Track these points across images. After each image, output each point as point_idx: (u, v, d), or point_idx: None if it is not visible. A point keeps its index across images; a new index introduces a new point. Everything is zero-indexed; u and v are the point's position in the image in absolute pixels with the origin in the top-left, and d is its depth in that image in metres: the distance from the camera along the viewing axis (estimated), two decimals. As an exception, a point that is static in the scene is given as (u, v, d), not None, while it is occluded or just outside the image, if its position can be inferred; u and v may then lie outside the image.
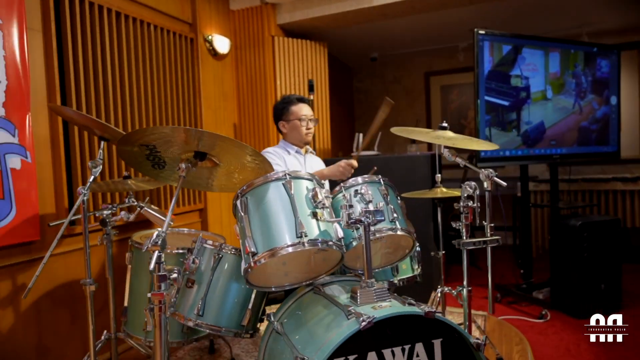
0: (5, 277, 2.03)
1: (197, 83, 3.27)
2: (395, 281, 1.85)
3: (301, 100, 2.43)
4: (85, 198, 1.71)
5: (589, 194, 4.01)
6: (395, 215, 1.55)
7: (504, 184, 1.70)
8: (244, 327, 1.68)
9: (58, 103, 2.25)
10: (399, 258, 1.72)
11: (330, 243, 1.42)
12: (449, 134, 1.88)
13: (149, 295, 1.29)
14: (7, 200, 2.01)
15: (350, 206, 1.35)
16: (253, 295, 1.70)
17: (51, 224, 1.82)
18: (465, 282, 1.71)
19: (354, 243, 1.51)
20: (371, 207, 1.46)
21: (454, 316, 2.94)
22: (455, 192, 2.16)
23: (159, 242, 1.30)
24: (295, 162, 2.36)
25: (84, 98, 2.40)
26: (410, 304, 1.32)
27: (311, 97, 3.36)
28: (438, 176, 2.23)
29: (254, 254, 1.36)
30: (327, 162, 3.58)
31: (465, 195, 1.66)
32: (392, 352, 1.21)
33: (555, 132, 3.17)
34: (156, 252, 1.31)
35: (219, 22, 3.53)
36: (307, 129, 2.37)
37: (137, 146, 1.48)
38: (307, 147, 2.51)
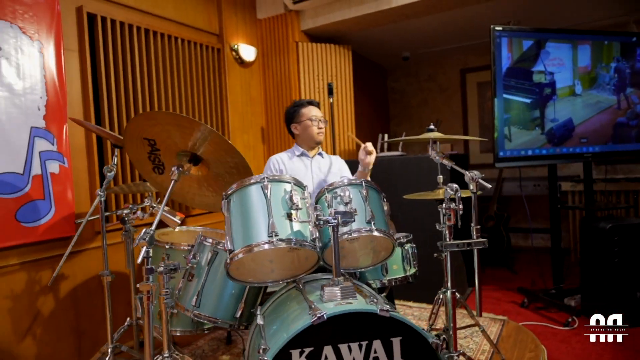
0: (46, 267, 2.33)
1: (223, 90, 3.48)
2: (385, 281, 1.89)
3: (311, 103, 2.53)
4: (102, 199, 1.94)
5: (633, 194, 3.70)
6: (372, 216, 1.60)
7: (489, 185, 1.69)
8: (237, 320, 1.81)
9: (92, 115, 2.54)
10: (381, 259, 1.76)
11: (305, 243, 1.50)
12: (436, 134, 1.89)
13: (138, 285, 1.46)
14: (47, 200, 2.31)
15: (316, 207, 1.43)
16: (247, 289, 1.82)
17: (77, 221, 2.07)
18: (449, 284, 1.71)
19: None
20: (344, 208, 1.53)
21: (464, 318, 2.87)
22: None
23: (147, 238, 1.47)
24: (299, 164, 2.46)
25: (116, 109, 2.67)
26: (373, 302, 1.37)
27: (330, 100, 3.43)
28: (439, 177, 2.21)
29: (230, 251, 1.48)
30: (351, 164, 3.65)
31: (448, 197, 1.67)
32: (349, 347, 1.28)
33: (587, 129, 2.99)
34: (144, 247, 1.47)
35: (245, 32, 3.72)
36: (319, 128, 2.46)
37: (140, 139, 1.66)
38: (319, 148, 2.60)
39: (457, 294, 2.09)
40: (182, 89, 3.13)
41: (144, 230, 1.47)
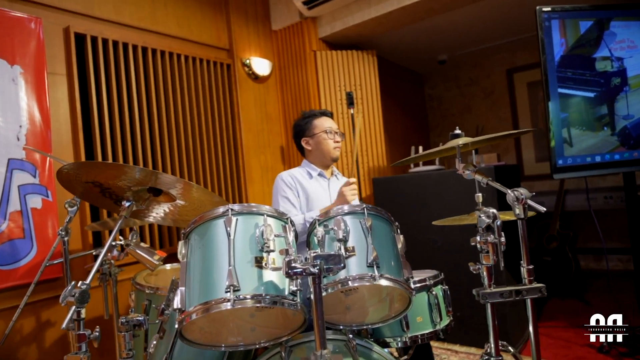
0: (29, 314, 2.09)
1: (235, 108, 3.20)
2: (406, 339, 1.42)
3: (324, 113, 2.18)
4: (66, 239, 1.66)
5: None
6: (376, 257, 1.17)
7: (542, 209, 1.20)
8: (217, 390, 1.43)
9: (81, 143, 2.32)
10: (395, 313, 1.31)
11: (283, 300, 1.10)
12: (464, 139, 1.43)
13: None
14: (28, 239, 2.08)
15: (286, 251, 1.03)
16: (227, 352, 1.44)
17: (47, 263, 1.79)
18: (492, 346, 1.22)
19: (323, 293, 1.17)
20: (335, 247, 1.12)
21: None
22: (507, 216, 1.64)
23: (76, 295, 1.14)
24: (317, 187, 2.08)
25: (109, 135, 2.44)
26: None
27: (351, 111, 3.04)
28: (478, 195, 1.72)
29: (180, 311, 1.11)
30: (381, 182, 3.21)
31: (483, 226, 1.20)
32: None
33: (674, 126, 2.36)
34: (73, 307, 1.14)
35: (259, 45, 3.45)
36: (335, 142, 2.09)
37: (82, 183, 1.36)
38: (334, 168, 2.22)
39: (507, 345, 1.60)
40: (187, 109, 2.88)
41: (72, 283, 1.15)
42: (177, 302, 1.12)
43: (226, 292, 1.06)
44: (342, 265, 1.04)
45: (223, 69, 3.16)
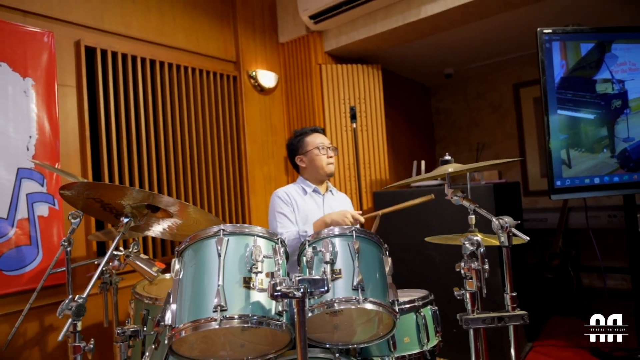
0: (34, 319, 2.16)
1: (240, 119, 3.26)
2: (393, 359, 1.45)
3: (315, 130, 2.24)
4: (69, 249, 1.72)
5: None
6: (359, 279, 1.20)
7: (526, 238, 1.22)
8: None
9: (88, 153, 2.39)
10: (380, 335, 1.34)
11: (269, 320, 1.14)
12: (453, 166, 1.46)
13: None
14: (35, 245, 2.15)
15: (272, 274, 1.07)
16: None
17: (50, 272, 1.85)
18: (475, 373, 1.24)
19: (308, 314, 1.20)
20: (323, 269, 1.16)
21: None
22: (492, 240, 1.66)
23: (72, 308, 1.19)
24: (311, 204, 2.13)
25: (116, 147, 2.52)
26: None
27: (353, 125, 3.08)
28: (471, 218, 1.74)
29: (170, 327, 1.15)
30: (382, 196, 3.24)
31: (467, 253, 1.23)
32: None
33: (675, 149, 2.35)
34: (69, 320, 1.20)
35: (265, 57, 3.51)
36: (328, 157, 2.14)
37: (84, 199, 1.42)
38: (328, 183, 2.26)
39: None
40: (193, 120, 2.94)
41: (70, 296, 1.20)
42: (167, 319, 1.16)
43: (213, 311, 1.10)
44: (326, 289, 1.08)
45: (229, 81, 3.23)
